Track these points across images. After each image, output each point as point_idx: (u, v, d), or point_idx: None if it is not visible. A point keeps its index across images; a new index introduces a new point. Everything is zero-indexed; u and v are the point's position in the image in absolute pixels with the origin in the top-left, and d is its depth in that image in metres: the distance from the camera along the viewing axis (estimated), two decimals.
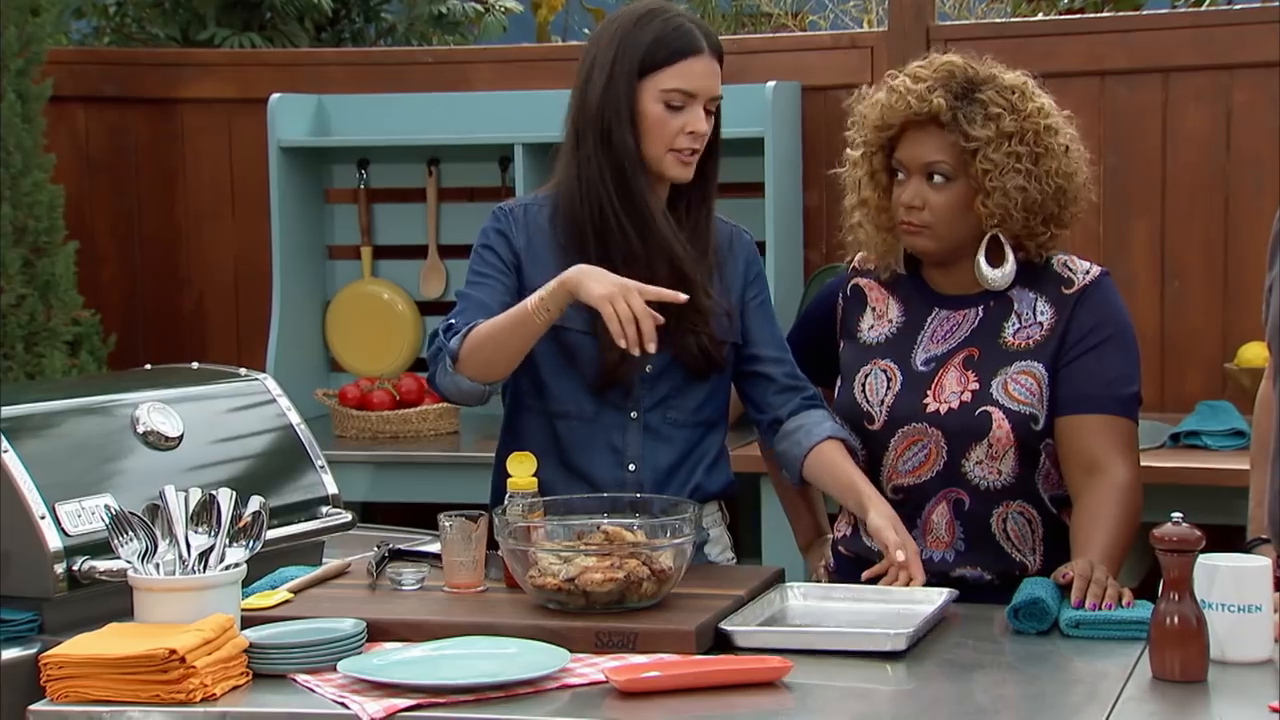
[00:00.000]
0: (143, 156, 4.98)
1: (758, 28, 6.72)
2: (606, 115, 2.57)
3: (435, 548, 2.54)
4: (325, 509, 2.75)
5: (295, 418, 2.81)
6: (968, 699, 2.10)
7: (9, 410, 2.45)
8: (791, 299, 4.30)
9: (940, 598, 2.35)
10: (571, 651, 2.15)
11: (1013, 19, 5.90)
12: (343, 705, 2.04)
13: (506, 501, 2.46)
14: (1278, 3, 4.34)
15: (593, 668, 2.12)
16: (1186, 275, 4.25)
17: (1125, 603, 2.29)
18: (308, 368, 4.69)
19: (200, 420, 2.66)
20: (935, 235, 2.53)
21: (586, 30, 7.42)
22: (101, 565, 2.34)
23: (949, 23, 5.05)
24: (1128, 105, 4.27)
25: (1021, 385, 2.53)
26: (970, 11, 6.49)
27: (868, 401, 2.58)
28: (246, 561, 2.28)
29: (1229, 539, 2.52)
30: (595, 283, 2.41)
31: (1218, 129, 4.20)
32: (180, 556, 2.24)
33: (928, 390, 2.55)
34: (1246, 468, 2.67)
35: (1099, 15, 5.51)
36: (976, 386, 2.53)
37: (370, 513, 4.24)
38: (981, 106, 2.49)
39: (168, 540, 2.25)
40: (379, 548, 2.57)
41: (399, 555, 2.57)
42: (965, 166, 2.51)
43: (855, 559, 2.64)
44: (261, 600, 2.35)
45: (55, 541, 2.34)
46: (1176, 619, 2.07)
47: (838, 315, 2.69)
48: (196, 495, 2.27)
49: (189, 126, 4.95)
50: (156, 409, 2.61)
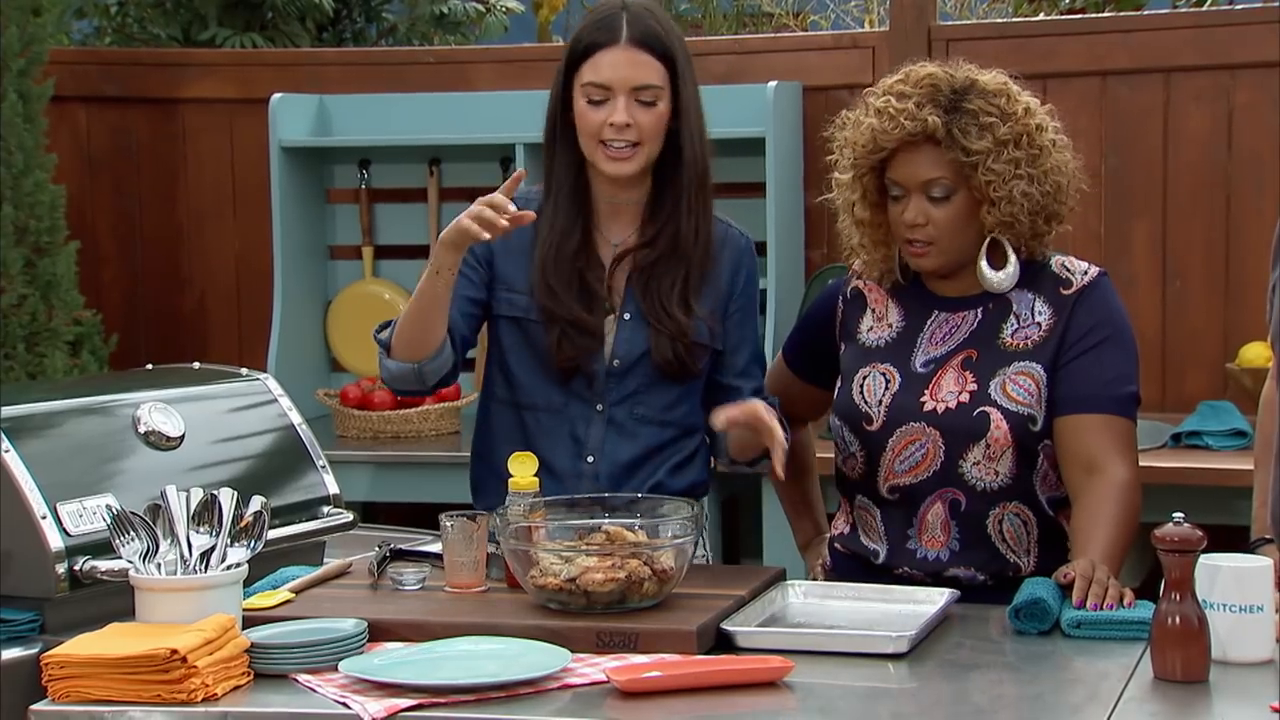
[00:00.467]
0: (144, 156, 4.98)
1: (759, 28, 6.72)
2: (554, 115, 2.65)
3: (436, 548, 2.54)
4: (326, 509, 2.75)
5: (296, 418, 2.82)
6: (969, 699, 2.10)
7: (10, 410, 2.45)
8: (792, 299, 4.30)
9: (942, 598, 2.35)
10: (573, 651, 2.15)
11: (1014, 19, 5.89)
12: (344, 705, 2.04)
13: (507, 501, 2.46)
14: (1278, 3, 4.34)
15: (594, 668, 2.12)
16: (1188, 275, 4.25)
17: (1127, 603, 2.29)
18: (309, 367, 4.70)
19: (201, 420, 2.66)
20: (942, 250, 2.53)
21: None
22: (103, 565, 2.34)
23: (950, 23, 5.05)
24: (1129, 105, 4.27)
25: (1020, 386, 2.52)
26: (972, 12, 6.49)
27: (866, 402, 2.58)
28: (248, 561, 2.28)
29: (1230, 539, 2.52)
30: (456, 221, 2.47)
31: (1219, 129, 4.20)
32: (181, 556, 2.24)
33: (925, 390, 2.55)
34: (1248, 468, 2.67)
35: (1100, 15, 5.51)
36: (975, 387, 2.53)
37: (371, 513, 4.25)
38: (973, 117, 2.49)
39: (169, 540, 2.25)
40: (380, 548, 2.57)
41: (400, 555, 2.57)
42: (965, 180, 2.50)
43: (851, 556, 2.65)
44: (263, 600, 2.35)
45: (57, 541, 2.35)
46: (1178, 619, 2.07)
47: (838, 318, 2.68)
48: (198, 495, 2.27)
49: (190, 126, 4.95)
50: (158, 409, 2.61)
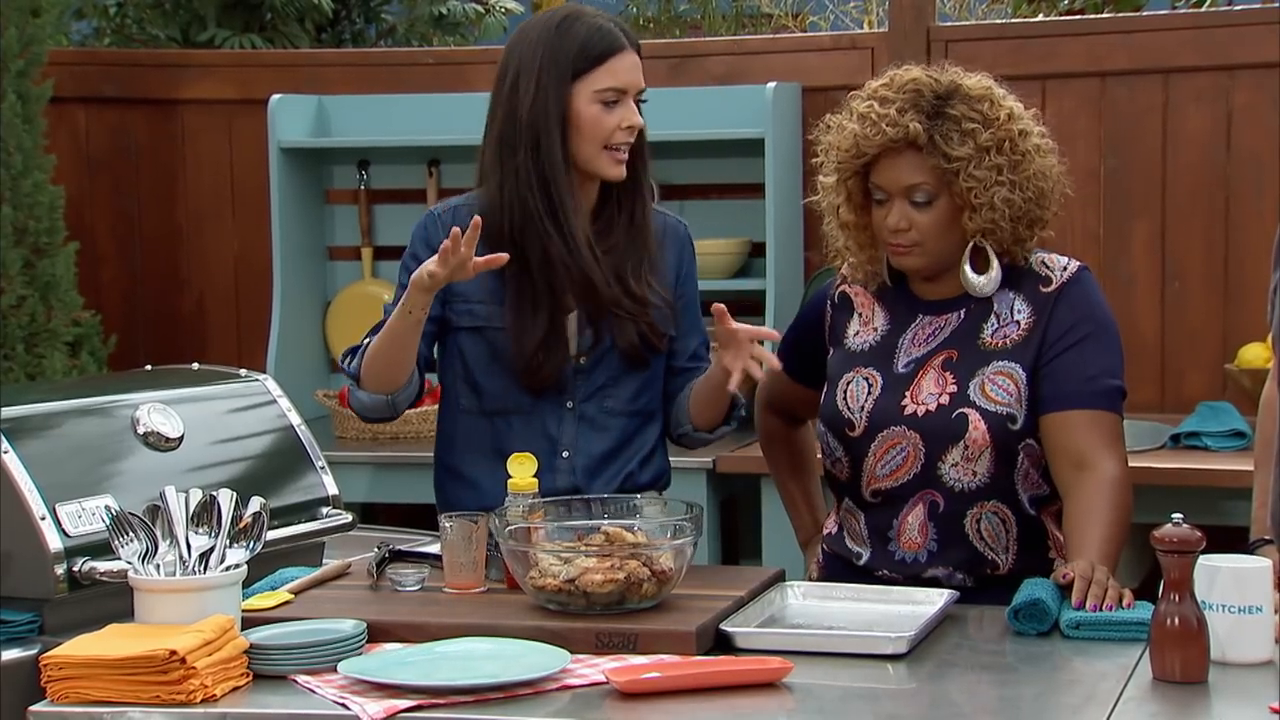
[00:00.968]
0: (143, 157, 4.98)
1: (758, 29, 6.73)
2: (538, 124, 2.64)
3: (435, 548, 2.54)
4: (325, 510, 2.75)
5: (295, 418, 2.81)
6: (968, 700, 2.10)
7: (10, 411, 2.45)
8: (792, 299, 4.30)
9: (941, 599, 2.35)
10: (572, 652, 2.15)
11: (1013, 20, 5.90)
12: (343, 706, 2.04)
13: (507, 502, 2.46)
14: (1278, 4, 4.34)
15: (593, 669, 2.12)
16: (1187, 276, 4.25)
17: (1125, 604, 2.28)
18: (308, 368, 4.70)
19: (200, 421, 2.66)
20: (925, 252, 2.53)
21: None
22: (102, 566, 2.34)
23: (949, 24, 5.05)
24: (1128, 106, 4.27)
25: (998, 386, 2.52)
26: (971, 12, 6.50)
27: (849, 408, 2.58)
28: (247, 562, 2.28)
29: (1229, 540, 2.52)
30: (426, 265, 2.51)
31: (1218, 130, 4.20)
32: (181, 557, 2.24)
33: (906, 393, 2.55)
34: (1247, 469, 2.67)
35: (1099, 16, 5.51)
36: (955, 389, 2.53)
37: (370, 513, 4.24)
38: (955, 123, 2.49)
39: (168, 541, 2.25)
40: (379, 548, 2.57)
41: (399, 556, 2.56)
42: (948, 185, 2.50)
43: (836, 557, 2.66)
44: (262, 601, 2.35)
45: (56, 542, 2.34)
46: (1177, 620, 2.07)
47: (826, 322, 2.69)
48: (197, 496, 2.27)
49: (189, 127, 4.95)
50: (157, 410, 2.61)
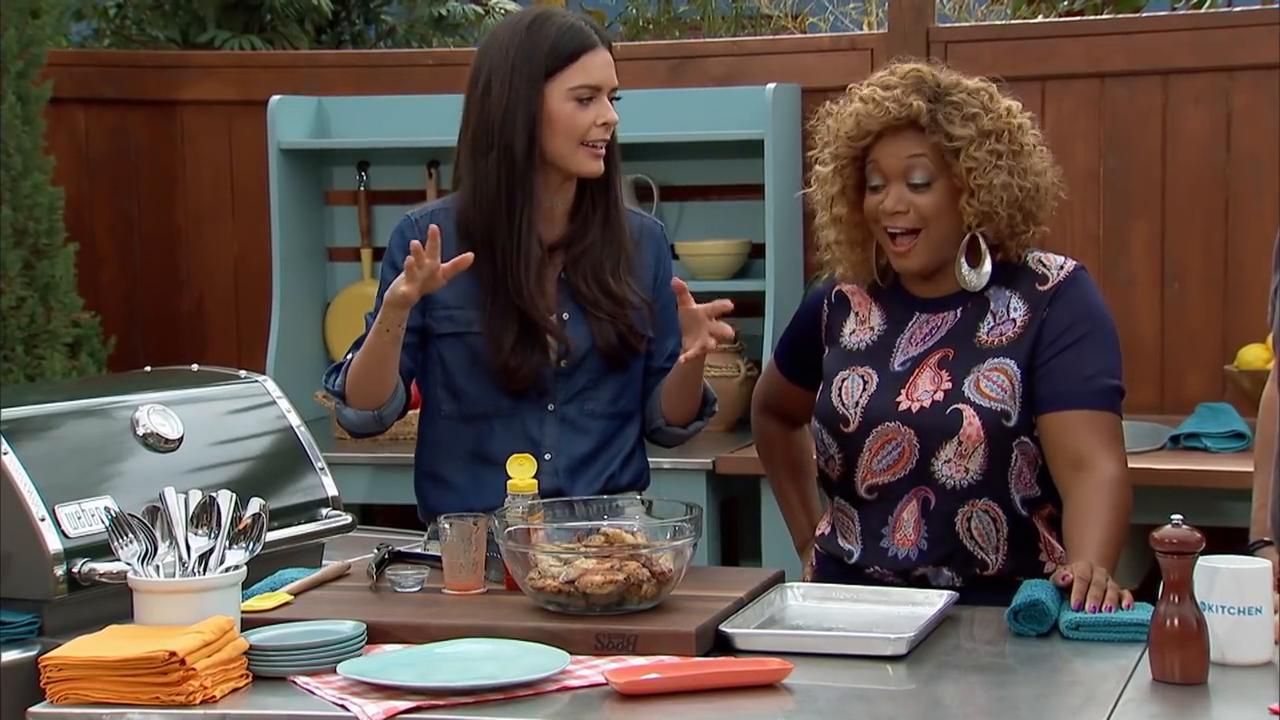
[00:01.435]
0: (143, 158, 4.98)
1: (758, 30, 6.73)
2: (509, 124, 2.65)
3: (433, 549, 2.54)
4: (325, 511, 2.75)
5: (295, 419, 2.81)
6: (968, 701, 2.10)
7: (9, 412, 2.45)
8: (791, 300, 4.30)
9: (941, 600, 2.35)
10: (571, 653, 2.15)
11: (1013, 21, 5.90)
12: (343, 707, 2.04)
13: (506, 504, 2.46)
14: (1277, 5, 4.34)
15: (592, 670, 2.12)
16: (1186, 277, 4.25)
17: (1125, 605, 2.28)
18: (308, 369, 4.69)
19: (200, 422, 2.66)
20: (926, 239, 2.53)
21: None
22: (101, 567, 2.34)
23: (949, 25, 5.05)
24: (1127, 107, 4.27)
25: (993, 382, 2.52)
26: (970, 13, 6.49)
27: (843, 404, 2.58)
28: (246, 563, 2.28)
29: (1229, 541, 2.52)
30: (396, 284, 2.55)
31: (1217, 131, 4.21)
32: (180, 558, 2.24)
33: (901, 390, 2.55)
34: (1247, 470, 2.67)
35: (1099, 17, 5.51)
36: (949, 385, 2.53)
37: (370, 515, 4.24)
38: (957, 108, 2.51)
39: (168, 542, 2.25)
40: (379, 550, 2.57)
41: (399, 557, 2.56)
42: (947, 167, 2.51)
43: (828, 557, 2.66)
44: (261, 602, 2.35)
45: (55, 543, 2.34)
46: (1176, 621, 2.07)
47: (823, 321, 2.69)
48: (196, 497, 2.27)
49: (189, 128, 4.95)
50: (156, 411, 2.61)
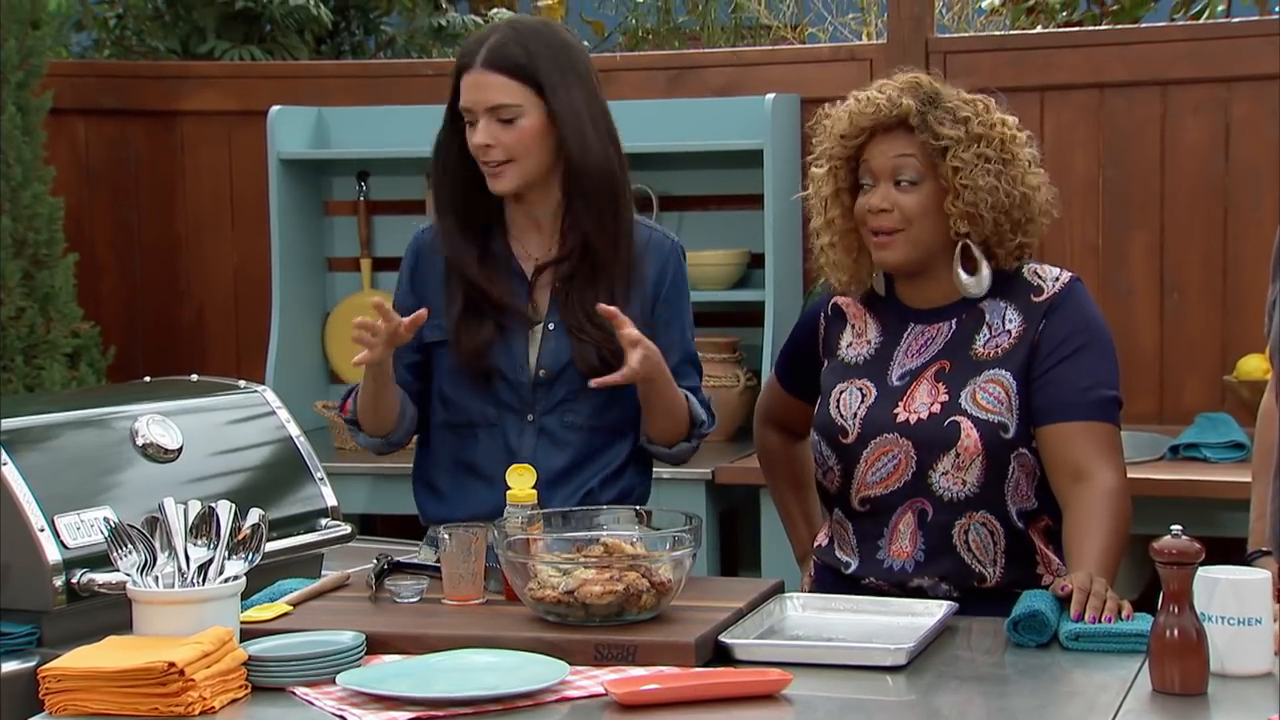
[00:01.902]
0: (142, 168, 4.98)
1: (757, 40, 6.73)
2: (439, 148, 2.81)
3: (428, 558, 2.54)
4: (324, 521, 2.75)
5: (294, 430, 2.81)
6: (967, 712, 2.10)
7: (9, 423, 2.45)
8: (791, 310, 4.30)
9: (941, 610, 2.35)
10: (571, 664, 2.14)
11: (1012, 31, 5.91)
12: (342, 718, 2.04)
13: (505, 514, 2.46)
14: (1276, 16, 4.35)
15: (592, 680, 2.12)
16: (1185, 287, 4.26)
17: (1125, 615, 2.28)
18: (307, 380, 4.69)
19: (199, 432, 2.66)
20: (908, 239, 2.54)
21: (586, 42, 7.43)
22: (100, 578, 2.34)
23: (948, 35, 5.06)
24: (1126, 117, 4.27)
25: (989, 394, 2.53)
26: (969, 24, 6.50)
27: (841, 416, 2.58)
28: (245, 574, 2.28)
29: (1228, 551, 2.51)
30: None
31: (1216, 141, 4.21)
32: (179, 569, 2.24)
33: (899, 402, 2.56)
34: (1246, 480, 2.67)
35: (1098, 28, 5.52)
36: (946, 398, 2.53)
37: (369, 525, 4.24)
38: (949, 111, 2.53)
39: (167, 553, 2.24)
40: (378, 560, 2.57)
41: (398, 568, 2.56)
42: (934, 168, 2.53)
43: (825, 568, 2.67)
44: (260, 613, 2.35)
45: (54, 554, 2.34)
46: (1176, 631, 2.06)
47: (820, 335, 2.70)
48: (196, 507, 2.27)
49: (189, 138, 4.95)
50: (156, 421, 2.61)
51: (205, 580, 2.24)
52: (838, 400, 2.60)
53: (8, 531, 2.36)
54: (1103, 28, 5.53)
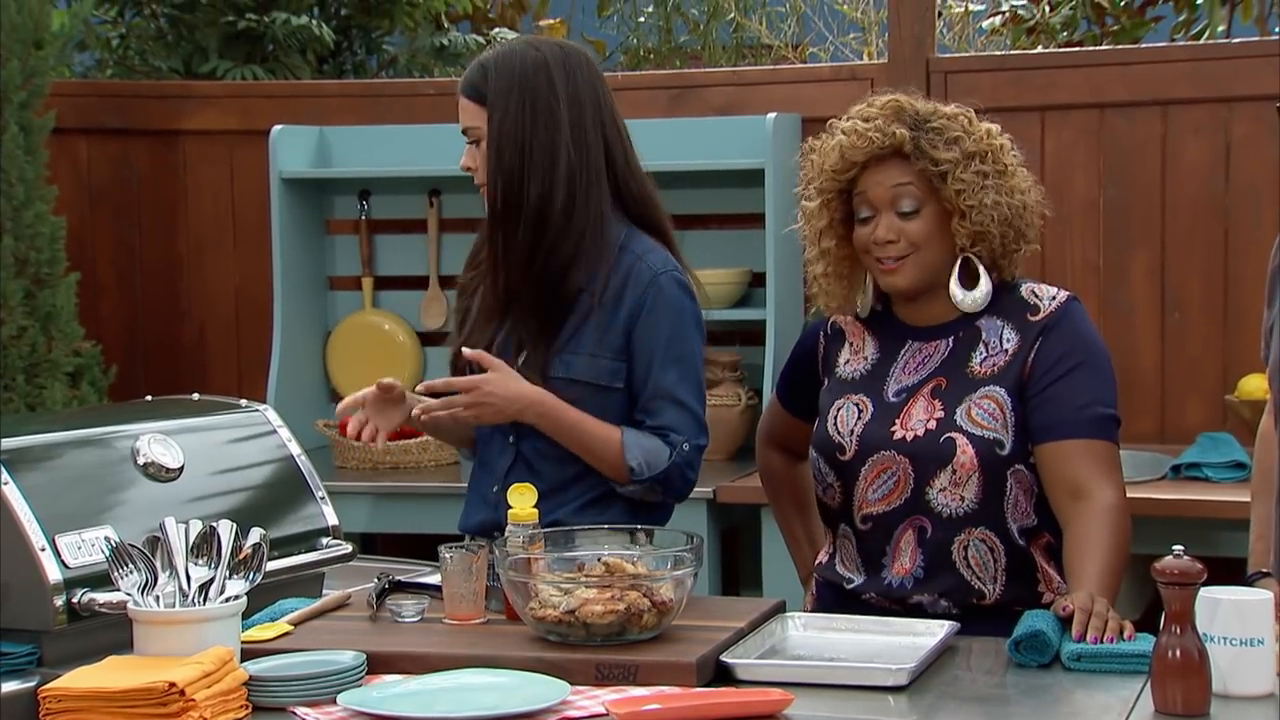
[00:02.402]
0: (144, 188, 4.99)
1: (758, 60, 6.74)
2: None
3: (435, 579, 2.53)
4: (326, 540, 2.74)
5: (296, 449, 2.81)
6: None
7: (10, 442, 2.45)
8: (792, 329, 4.30)
9: (942, 630, 2.35)
10: (572, 684, 2.14)
11: (1013, 51, 5.91)
12: None
13: (507, 533, 2.46)
14: (1276, 36, 4.36)
15: (593, 700, 2.12)
16: (1186, 307, 4.26)
17: (1127, 636, 2.28)
18: (308, 399, 4.70)
19: (201, 452, 2.66)
20: (915, 263, 2.54)
21: None
22: (101, 597, 2.34)
23: (948, 55, 5.07)
24: (1127, 137, 4.28)
25: (983, 410, 2.53)
26: (970, 44, 6.51)
27: (839, 433, 2.59)
28: (247, 593, 2.28)
29: (1231, 571, 2.51)
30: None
31: (1217, 161, 4.22)
32: (180, 589, 2.24)
33: (896, 419, 2.56)
34: (1248, 500, 2.67)
35: (1098, 48, 5.53)
36: (942, 414, 2.53)
37: (370, 544, 4.24)
38: (939, 133, 2.53)
39: (168, 572, 2.24)
40: (379, 579, 2.57)
41: (399, 587, 2.56)
42: (935, 192, 2.53)
43: (827, 585, 2.67)
44: (261, 632, 2.35)
45: (55, 573, 2.34)
46: (1178, 652, 2.06)
47: (820, 353, 2.70)
48: (197, 527, 2.27)
49: (191, 158, 4.96)
50: (157, 440, 2.61)
51: (206, 600, 2.24)
52: (834, 417, 2.61)
53: (8, 551, 2.36)
54: (1103, 48, 5.54)
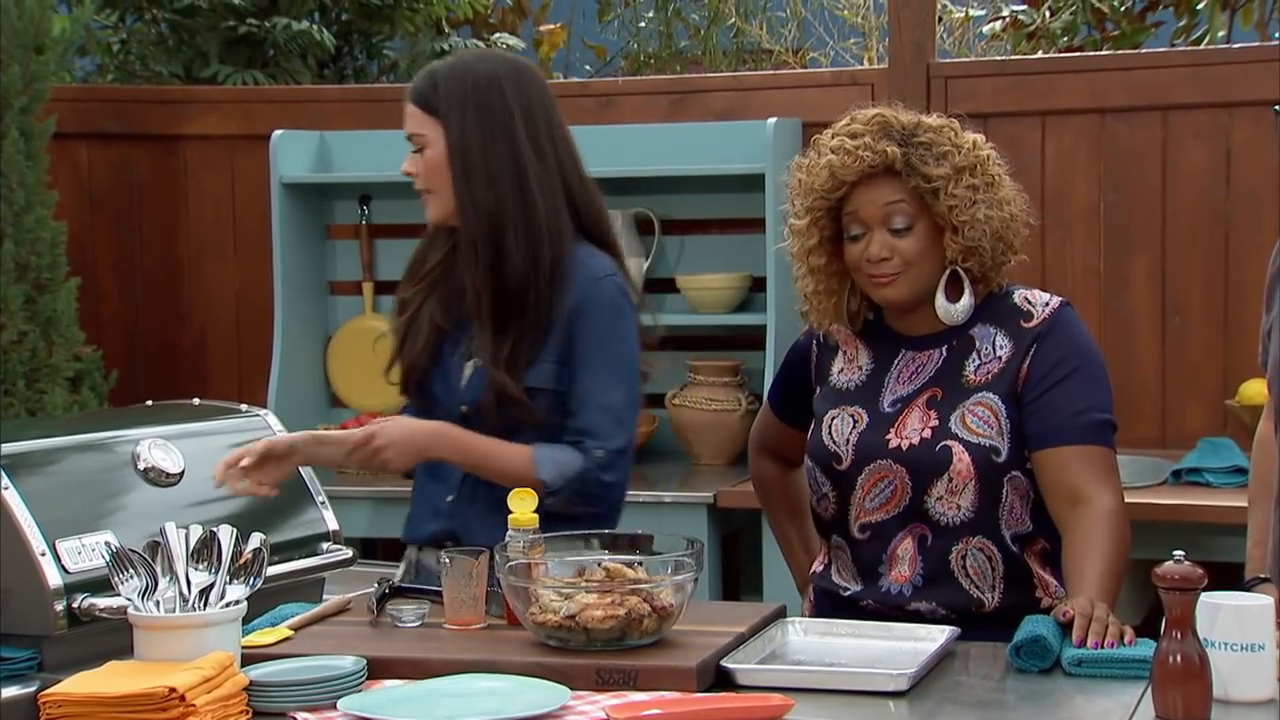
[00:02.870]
0: (145, 193, 4.99)
1: (758, 65, 6.75)
2: None
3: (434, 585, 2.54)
4: (326, 545, 2.75)
5: None
6: None
7: (10, 447, 2.45)
8: (792, 334, 4.24)
9: (943, 636, 2.35)
10: (572, 689, 2.14)
11: (1013, 56, 5.92)
12: None
13: (507, 538, 2.46)
14: (1276, 42, 4.36)
15: (593, 705, 2.12)
16: (1187, 311, 4.26)
17: (1127, 641, 2.28)
18: (309, 403, 4.70)
19: (201, 456, 2.66)
20: (909, 277, 2.54)
21: (588, 67, 7.45)
22: (101, 602, 2.34)
23: (949, 60, 5.07)
24: (1128, 142, 4.28)
25: (978, 417, 2.53)
26: (970, 49, 6.52)
27: (834, 442, 2.58)
28: (247, 599, 2.28)
29: (1231, 577, 2.51)
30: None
31: (1217, 166, 4.22)
32: (181, 594, 2.24)
33: (891, 429, 2.56)
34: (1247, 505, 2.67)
35: (1099, 53, 5.54)
36: (936, 423, 2.53)
37: (371, 549, 4.24)
38: (927, 148, 2.52)
39: (168, 577, 2.24)
40: (379, 584, 2.57)
41: (399, 592, 2.56)
42: (926, 208, 2.52)
43: (824, 592, 2.67)
44: (262, 637, 2.35)
45: (55, 578, 2.34)
46: (1179, 658, 2.06)
47: (812, 363, 2.70)
48: (197, 532, 2.27)
49: (191, 163, 4.96)
50: (157, 445, 2.61)
51: (206, 605, 2.24)
52: (829, 427, 2.61)
53: (8, 556, 2.36)
54: (1104, 53, 5.54)
